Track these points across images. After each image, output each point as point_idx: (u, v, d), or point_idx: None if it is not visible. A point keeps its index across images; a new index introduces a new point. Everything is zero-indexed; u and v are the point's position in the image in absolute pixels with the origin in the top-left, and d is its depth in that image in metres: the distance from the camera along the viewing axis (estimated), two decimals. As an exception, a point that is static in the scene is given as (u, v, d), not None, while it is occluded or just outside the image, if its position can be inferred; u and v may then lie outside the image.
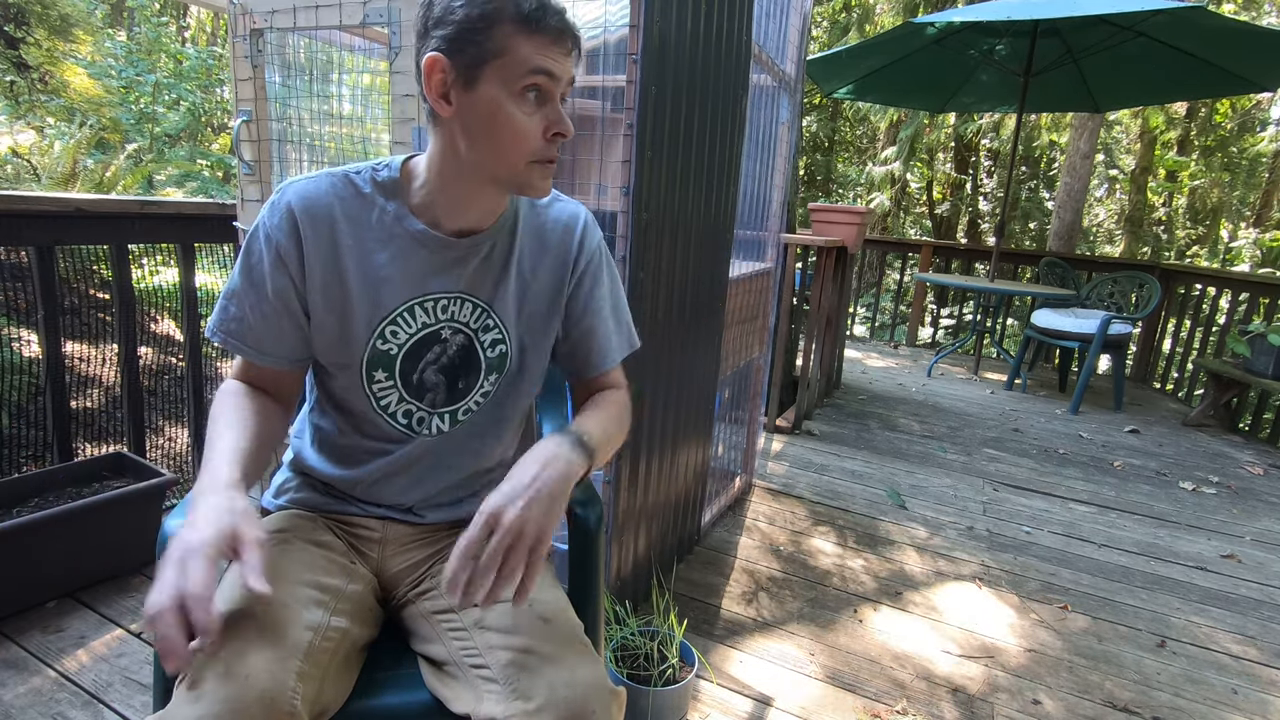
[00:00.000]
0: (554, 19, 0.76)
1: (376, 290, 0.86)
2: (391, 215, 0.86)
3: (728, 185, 1.99)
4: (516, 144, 0.79)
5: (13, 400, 2.69)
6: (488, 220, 0.89)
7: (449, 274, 0.89)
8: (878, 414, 3.89)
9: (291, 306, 0.86)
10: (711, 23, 1.68)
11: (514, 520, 0.71)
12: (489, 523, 0.71)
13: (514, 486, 0.74)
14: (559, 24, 0.77)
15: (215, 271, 3.92)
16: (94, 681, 1.44)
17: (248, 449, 0.79)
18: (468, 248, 0.89)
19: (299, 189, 0.85)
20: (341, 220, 0.85)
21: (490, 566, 0.69)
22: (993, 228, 10.92)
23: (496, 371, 0.94)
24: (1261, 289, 4.36)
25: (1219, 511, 2.86)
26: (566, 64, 0.79)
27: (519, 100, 0.77)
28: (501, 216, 0.91)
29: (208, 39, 11.40)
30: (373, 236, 0.86)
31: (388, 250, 0.86)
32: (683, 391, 1.89)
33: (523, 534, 0.71)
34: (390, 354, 0.89)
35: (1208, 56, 4.07)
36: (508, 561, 0.70)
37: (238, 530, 0.67)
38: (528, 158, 0.80)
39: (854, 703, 1.57)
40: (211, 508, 0.68)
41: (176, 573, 0.63)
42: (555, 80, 0.78)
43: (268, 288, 0.84)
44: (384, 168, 0.88)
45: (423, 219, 0.87)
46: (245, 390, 0.87)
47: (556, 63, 0.78)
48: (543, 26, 0.76)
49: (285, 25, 1.68)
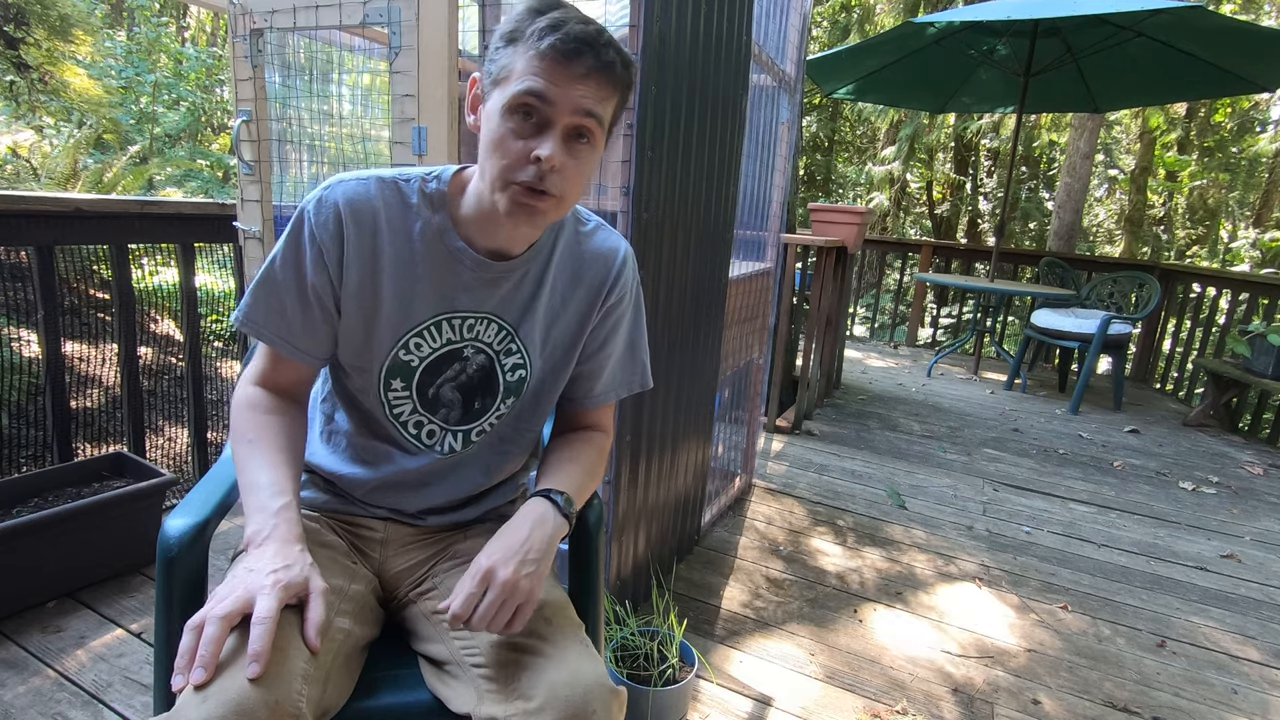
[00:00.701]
0: (565, 43, 0.73)
1: (408, 301, 0.86)
2: (435, 229, 0.86)
3: (728, 185, 1.99)
4: (494, 157, 0.76)
5: (12, 400, 2.69)
6: (518, 245, 0.88)
7: (480, 293, 0.88)
8: (878, 414, 3.89)
9: (326, 304, 0.85)
10: (711, 23, 1.68)
11: (508, 580, 0.76)
12: (485, 579, 0.77)
13: (506, 546, 0.79)
14: (571, 49, 0.73)
15: (215, 271, 3.92)
16: (94, 681, 1.44)
17: (294, 479, 0.82)
18: (501, 271, 0.88)
19: (347, 189, 0.84)
20: (385, 228, 0.84)
21: (483, 622, 0.75)
22: (993, 228, 10.92)
23: (514, 395, 0.94)
24: (1261, 289, 4.36)
25: (1219, 511, 2.86)
26: (574, 92, 0.74)
27: (509, 116, 0.76)
28: (537, 244, 0.90)
29: (208, 39, 11.39)
30: (413, 248, 0.85)
31: (425, 263, 0.86)
32: (683, 391, 1.89)
33: (515, 591, 0.76)
34: (411, 365, 0.89)
35: (1208, 56, 4.07)
36: (499, 615, 0.76)
37: (310, 581, 0.72)
38: (505, 175, 0.76)
39: (854, 703, 1.57)
40: (283, 555, 0.72)
41: (243, 596, 0.67)
42: (550, 105, 0.74)
43: (308, 282, 0.84)
44: (434, 179, 0.87)
45: (463, 236, 0.86)
46: (269, 403, 0.86)
47: (557, 87, 0.73)
48: (551, 48, 0.73)
49: (285, 25, 1.68)
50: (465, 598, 0.76)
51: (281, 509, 0.76)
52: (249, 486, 0.79)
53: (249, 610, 0.66)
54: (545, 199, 0.77)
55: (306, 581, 0.71)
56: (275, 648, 0.67)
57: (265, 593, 0.67)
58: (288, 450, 0.83)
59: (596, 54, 0.74)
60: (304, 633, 0.70)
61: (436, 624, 0.86)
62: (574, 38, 0.73)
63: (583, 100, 0.75)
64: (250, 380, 0.88)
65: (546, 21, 0.74)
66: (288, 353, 0.86)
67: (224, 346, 3.94)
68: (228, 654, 0.66)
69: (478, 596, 0.76)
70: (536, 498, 0.85)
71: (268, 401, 0.86)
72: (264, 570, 0.69)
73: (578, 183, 0.79)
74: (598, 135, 0.79)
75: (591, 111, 0.76)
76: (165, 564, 0.80)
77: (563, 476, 0.90)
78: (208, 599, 0.68)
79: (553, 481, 0.88)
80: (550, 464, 0.94)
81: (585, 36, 0.73)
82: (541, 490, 0.87)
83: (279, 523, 0.75)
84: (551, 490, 0.86)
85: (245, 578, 0.69)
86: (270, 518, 0.75)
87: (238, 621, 0.66)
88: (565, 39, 0.73)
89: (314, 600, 0.71)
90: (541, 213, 0.78)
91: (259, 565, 0.70)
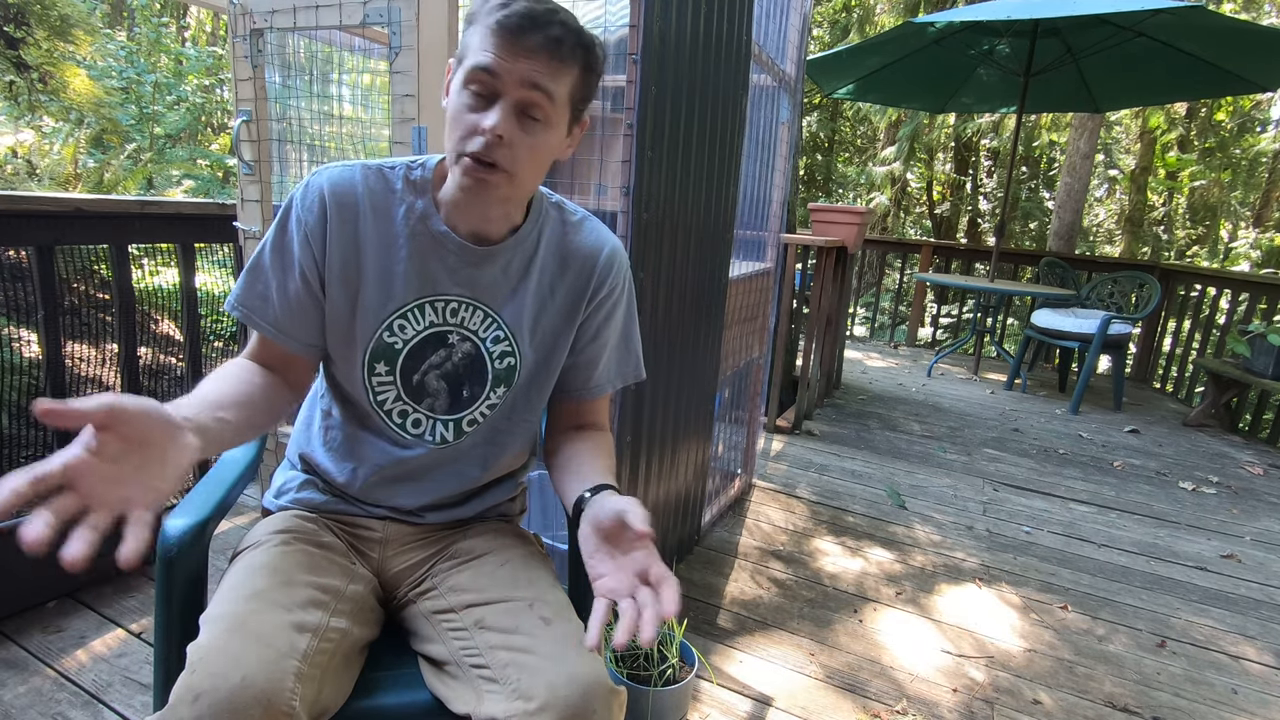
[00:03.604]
0: (510, 18, 0.74)
1: (389, 282, 0.87)
2: (418, 213, 0.87)
3: (728, 185, 1.99)
4: (451, 132, 0.79)
5: (12, 400, 2.69)
6: (493, 227, 0.88)
7: (463, 277, 0.89)
8: (878, 414, 3.89)
9: (313, 288, 0.86)
10: (711, 23, 1.68)
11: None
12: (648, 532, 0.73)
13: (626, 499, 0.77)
14: (516, 24, 0.74)
15: (215, 272, 3.92)
16: (94, 681, 1.44)
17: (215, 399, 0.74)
18: (484, 256, 0.89)
19: (332, 175, 0.86)
20: (368, 211, 0.86)
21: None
22: (993, 228, 10.92)
23: (505, 384, 0.94)
24: (1261, 289, 4.36)
25: (1219, 511, 2.86)
26: (520, 66, 0.75)
27: (462, 92, 0.78)
28: (520, 232, 0.90)
29: (208, 39, 11.40)
30: (395, 232, 0.87)
31: (407, 246, 0.87)
32: (683, 391, 1.89)
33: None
34: (395, 348, 0.89)
35: (1208, 56, 4.07)
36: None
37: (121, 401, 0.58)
38: (457, 148, 0.78)
39: (854, 703, 1.57)
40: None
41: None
42: (497, 78, 0.75)
43: (295, 268, 0.85)
44: (418, 166, 0.89)
45: (446, 220, 0.88)
46: (249, 364, 0.87)
47: (504, 61, 0.75)
48: (498, 23, 0.75)
49: (285, 25, 1.68)
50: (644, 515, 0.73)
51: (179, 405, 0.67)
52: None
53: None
54: (495, 172, 0.78)
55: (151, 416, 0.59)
56: (267, 646, 0.66)
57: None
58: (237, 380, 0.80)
59: (543, 29, 0.75)
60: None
61: (436, 624, 0.86)
62: (520, 14, 0.75)
63: (530, 74, 0.76)
64: (243, 356, 0.89)
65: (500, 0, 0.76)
66: (275, 338, 0.87)
67: (224, 346, 3.94)
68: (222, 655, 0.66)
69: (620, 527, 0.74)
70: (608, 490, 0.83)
71: (247, 363, 0.87)
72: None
73: (531, 159, 0.80)
74: (550, 112, 0.79)
75: (539, 85, 0.76)
76: (165, 564, 0.80)
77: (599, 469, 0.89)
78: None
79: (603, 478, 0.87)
80: (581, 463, 0.92)
81: (531, 13, 0.75)
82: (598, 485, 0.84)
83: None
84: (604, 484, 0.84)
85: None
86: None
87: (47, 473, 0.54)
88: (511, 15, 0.75)
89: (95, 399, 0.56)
90: (493, 185, 0.79)
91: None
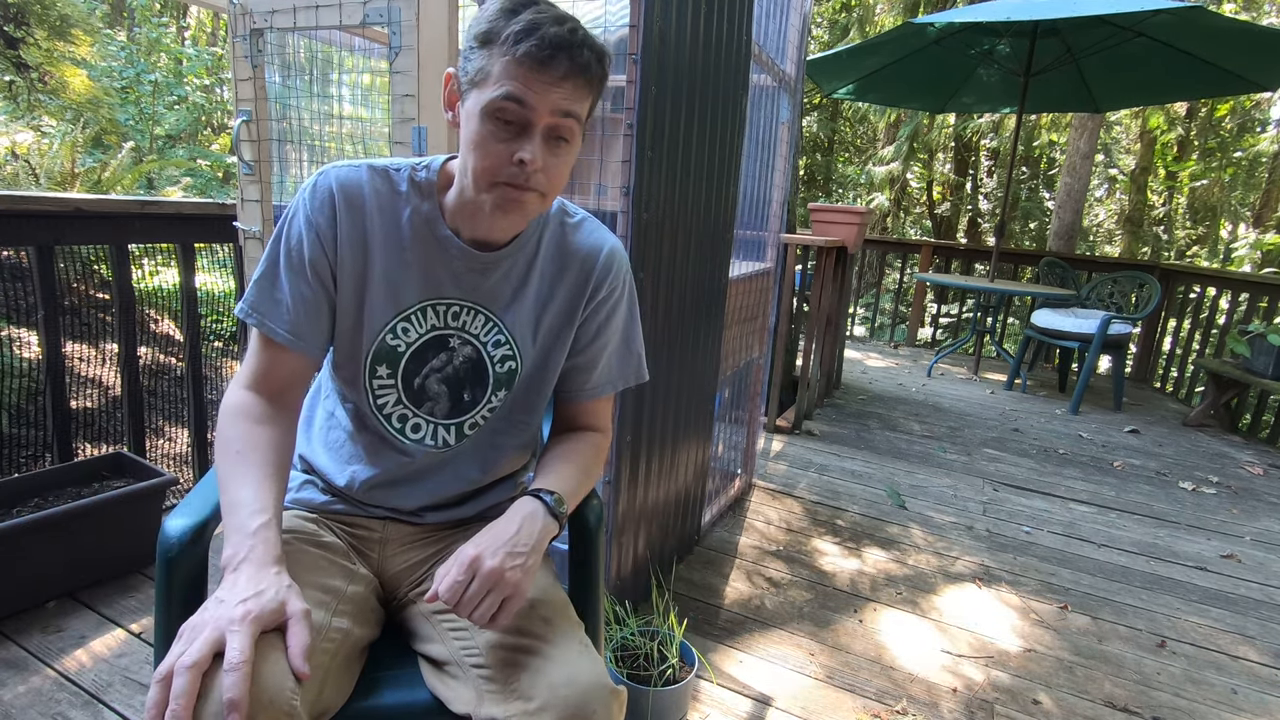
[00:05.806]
0: (540, 49, 0.73)
1: (396, 285, 0.87)
2: (423, 217, 0.87)
3: (728, 185, 1.99)
4: (475, 160, 0.78)
5: (12, 401, 2.68)
6: (502, 236, 0.89)
7: (466, 282, 0.89)
8: (878, 414, 3.89)
9: (327, 287, 0.86)
10: (711, 23, 1.68)
11: (494, 569, 0.75)
12: (470, 567, 0.75)
13: (494, 537, 0.79)
14: (548, 55, 0.74)
15: (215, 271, 3.92)
16: (94, 681, 1.44)
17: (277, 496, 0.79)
18: (488, 262, 0.89)
19: (339, 174, 0.86)
20: (375, 211, 0.86)
21: (467, 609, 0.74)
22: (993, 228, 10.91)
23: (505, 387, 0.94)
24: (1261, 289, 4.36)
25: (1219, 511, 2.86)
26: (551, 96, 0.75)
27: (489, 120, 0.77)
28: (522, 236, 0.91)
29: (208, 39, 11.40)
30: (401, 234, 0.87)
31: (413, 249, 0.87)
32: (683, 391, 1.89)
33: (501, 583, 0.75)
34: (398, 351, 0.89)
35: (1208, 56, 4.07)
36: (483, 605, 0.74)
37: (287, 604, 0.69)
38: (489, 176, 0.78)
39: (854, 703, 1.57)
40: (256, 581, 0.69)
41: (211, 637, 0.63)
42: (529, 109, 0.75)
43: (307, 270, 0.85)
44: (423, 169, 0.89)
45: (450, 225, 0.88)
46: (260, 410, 0.84)
47: (535, 93, 0.75)
48: (526, 54, 0.73)
49: (285, 25, 1.68)
50: (452, 583, 0.74)
51: (260, 528, 0.73)
52: (230, 505, 0.76)
53: (220, 649, 0.63)
54: (530, 194, 0.80)
55: (282, 606, 0.68)
56: (267, 645, 0.67)
57: (236, 629, 0.63)
58: (273, 464, 0.81)
59: (572, 57, 0.75)
60: (290, 660, 0.67)
61: (437, 624, 0.86)
62: (549, 43, 0.73)
63: (561, 102, 0.77)
64: (242, 384, 0.86)
65: (521, 25, 0.74)
66: (290, 344, 0.85)
67: (224, 346, 3.94)
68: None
69: (464, 584, 0.74)
70: (527, 496, 0.85)
71: (259, 409, 0.84)
72: (234, 601, 0.66)
73: (559, 177, 0.82)
74: (576, 131, 0.81)
75: (569, 112, 0.78)
76: (165, 564, 0.80)
77: (555, 477, 0.90)
78: (177, 636, 0.64)
79: (546, 481, 0.88)
80: (545, 464, 0.94)
81: (560, 40, 0.74)
82: (533, 490, 0.87)
83: (255, 544, 0.72)
84: (542, 490, 0.86)
85: (215, 610, 0.65)
86: (247, 539, 0.72)
87: (208, 666, 0.62)
88: (541, 44, 0.73)
89: (293, 626, 0.68)
90: (528, 206, 0.81)
91: (230, 595, 0.67)
